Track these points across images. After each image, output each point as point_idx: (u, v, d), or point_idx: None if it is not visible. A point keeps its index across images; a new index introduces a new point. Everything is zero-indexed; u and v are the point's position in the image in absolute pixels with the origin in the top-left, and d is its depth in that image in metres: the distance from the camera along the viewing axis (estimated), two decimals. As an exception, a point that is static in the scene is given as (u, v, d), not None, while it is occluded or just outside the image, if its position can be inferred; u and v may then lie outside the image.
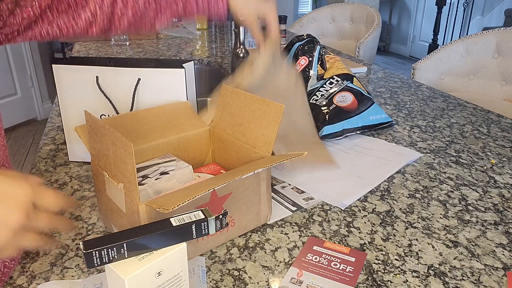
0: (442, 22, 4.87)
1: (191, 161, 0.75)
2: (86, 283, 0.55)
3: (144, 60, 0.85)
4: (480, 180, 0.81)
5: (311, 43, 1.11)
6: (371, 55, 2.15)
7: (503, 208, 0.72)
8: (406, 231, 0.66)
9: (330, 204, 0.73)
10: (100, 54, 1.83)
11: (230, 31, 2.45)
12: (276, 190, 0.77)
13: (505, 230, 0.66)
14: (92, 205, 0.73)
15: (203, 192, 0.49)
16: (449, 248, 0.62)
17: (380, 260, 0.59)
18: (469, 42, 1.62)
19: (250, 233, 0.65)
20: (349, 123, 0.96)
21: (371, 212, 0.71)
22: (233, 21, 1.41)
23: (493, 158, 0.90)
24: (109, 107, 0.80)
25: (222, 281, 0.56)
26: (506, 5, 4.44)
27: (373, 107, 1.01)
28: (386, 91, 1.34)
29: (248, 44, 2.09)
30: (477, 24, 4.76)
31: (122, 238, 0.42)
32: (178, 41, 2.11)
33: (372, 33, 2.11)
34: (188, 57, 1.81)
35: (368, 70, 1.59)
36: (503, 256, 0.60)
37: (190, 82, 0.83)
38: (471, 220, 0.69)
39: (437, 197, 0.75)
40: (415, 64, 1.68)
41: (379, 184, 0.79)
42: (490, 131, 1.04)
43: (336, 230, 0.66)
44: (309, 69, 1.07)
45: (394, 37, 5.86)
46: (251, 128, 0.67)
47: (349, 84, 1.02)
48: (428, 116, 1.13)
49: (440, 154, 0.91)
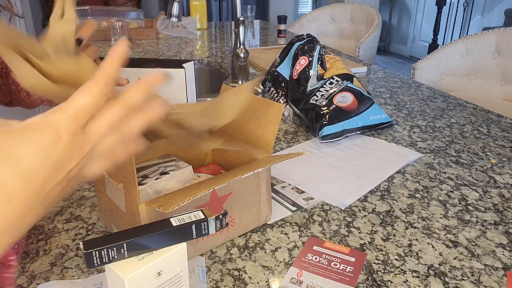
0: (442, 22, 4.87)
1: (191, 161, 0.75)
2: (86, 283, 0.55)
3: (144, 60, 0.85)
4: (480, 180, 0.81)
5: (311, 43, 1.11)
6: (371, 55, 2.15)
7: (503, 208, 0.72)
8: (406, 231, 0.66)
9: (330, 204, 0.73)
10: (100, 54, 1.83)
11: (230, 31, 2.45)
12: (276, 190, 0.77)
13: (505, 230, 0.66)
14: (92, 205, 0.73)
15: (203, 192, 0.49)
16: (449, 248, 0.62)
17: (380, 260, 0.59)
18: (469, 42, 1.62)
19: (250, 233, 0.65)
20: (349, 123, 0.96)
21: (371, 212, 0.71)
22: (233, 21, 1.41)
23: (493, 158, 0.90)
24: (109, 107, 0.80)
25: (222, 281, 0.56)
26: (506, 5, 4.44)
27: (373, 107, 1.01)
28: (386, 91, 1.34)
29: (248, 45, 2.09)
30: (477, 24, 4.76)
31: (122, 238, 0.42)
32: (178, 41, 2.11)
33: (372, 33, 2.11)
34: (188, 57, 1.81)
35: (368, 70, 1.59)
36: (503, 256, 0.60)
37: (190, 82, 0.83)
38: (471, 220, 0.69)
39: (437, 197, 0.75)
40: (415, 64, 1.68)
41: (379, 184, 0.79)
42: (490, 131, 1.04)
43: (336, 230, 0.66)
44: (309, 69, 1.07)
45: (394, 37, 5.86)
46: (251, 128, 0.67)
47: (349, 84, 1.02)
48: (428, 116, 1.13)
49: (440, 154, 0.91)
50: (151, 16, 3.56)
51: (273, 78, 1.16)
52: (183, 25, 2.17)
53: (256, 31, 2.50)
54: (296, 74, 1.08)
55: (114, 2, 4.71)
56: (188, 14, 2.49)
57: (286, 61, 1.15)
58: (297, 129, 1.04)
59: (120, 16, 2.32)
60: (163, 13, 2.25)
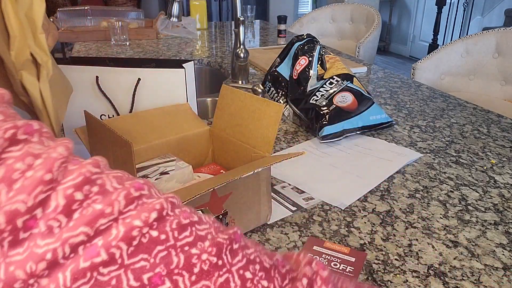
0: (442, 22, 4.87)
1: (191, 161, 0.75)
2: None
3: (144, 60, 0.85)
4: (480, 180, 0.81)
5: (311, 43, 1.11)
6: (371, 55, 2.15)
7: (503, 208, 0.72)
8: (406, 231, 0.66)
9: (330, 204, 0.73)
10: (100, 54, 1.83)
11: (230, 31, 2.45)
12: (276, 190, 0.77)
13: (505, 230, 0.66)
14: (92, 205, 0.72)
15: (203, 192, 0.49)
16: (449, 248, 0.62)
17: (380, 260, 0.59)
18: (469, 42, 1.62)
19: (250, 233, 0.65)
20: (349, 123, 0.96)
21: (371, 212, 0.71)
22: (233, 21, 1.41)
23: (493, 158, 0.90)
24: (109, 107, 0.80)
25: (222, 281, 0.55)
26: (506, 5, 4.44)
27: (373, 107, 1.01)
28: (386, 91, 1.34)
29: (248, 44, 2.09)
30: (477, 24, 4.76)
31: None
32: (178, 41, 2.11)
33: (372, 33, 2.11)
34: (188, 57, 1.81)
35: (368, 70, 1.59)
36: (503, 256, 0.60)
37: (190, 82, 0.83)
38: (471, 220, 0.69)
39: (437, 197, 0.75)
40: (415, 64, 1.68)
41: (379, 184, 0.79)
42: (490, 131, 1.04)
43: (336, 230, 0.66)
44: (309, 69, 1.07)
45: (394, 37, 5.86)
46: (251, 128, 0.67)
47: (349, 84, 1.02)
48: (428, 116, 1.13)
49: (440, 154, 0.91)
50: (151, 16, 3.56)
51: (273, 78, 1.16)
52: (183, 25, 2.17)
53: (256, 31, 2.50)
54: (296, 74, 1.08)
55: (114, 2, 4.71)
56: (188, 14, 2.49)
57: (286, 61, 1.15)
58: (297, 129, 1.04)
59: (120, 16, 2.32)
60: (163, 13, 2.25)
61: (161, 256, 0.24)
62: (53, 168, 0.23)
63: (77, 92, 0.80)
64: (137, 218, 0.24)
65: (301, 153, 0.61)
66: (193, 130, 0.75)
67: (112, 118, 0.70)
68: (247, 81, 1.38)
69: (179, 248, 0.25)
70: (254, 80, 1.43)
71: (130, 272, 0.23)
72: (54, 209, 0.23)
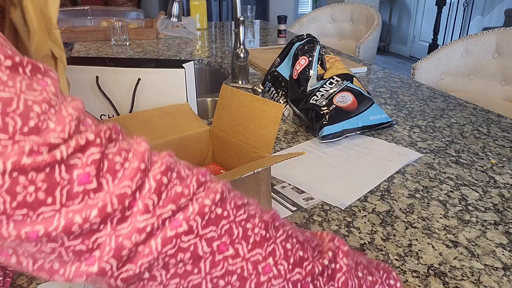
0: (442, 22, 4.87)
1: (191, 161, 0.75)
2: (86, 283, 0.55)
3: (144, 60, 0.85)
4: (480, 180, 0.81)
5: (311, 43, 1.11)
6: (371, 55, 2.15)
7: (503, 208, 0.72)
8: (406, 231, 0.66)
9: (330, 204, 0.73)
10: (100, 54, 1.83)
11: (230, 31, 2.45)
12: (276, 190, 0.77)
13: (505, 230, 0.66)
14: (92, 205, 0.72)
15: (203, 192, 0.49)
16: (449, 248, 0.62)
17: (380, 260, 0.59)
18: (469, 42, 1.62)
19: (250, 233, 0.65)
20: (349, 123, 0.96)
21: (371, 212, 0.71)
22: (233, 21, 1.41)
23: (493, 158, 0.90)
24: (109, 107, 0.80)
25: (222, 281, 0.55)
26: (506, 5, 4.44)
27: (373, 107, 1.01)
28: (386, 91, 1.34)
29: (248, 44, 2.09)
30: (477, 24, 4.76)
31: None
32: (178, 41, 2.11)
33: (372, 33, 2.11)
34: (188, 57, 1.81)
35: (368, 70, 1.59)
36: (503, 256, 0.60)
37: (190, 82, 0.83)
38: (471, 220, 0.69)
39: (437, 197, 0.75)
40: (415, 64, 1.68)
41: (379, 184, 0.79)
42: (490, 131, 1.04)
43: (336, 230, 0.66)
44: (309, 69, 1.07)
45: (394, 37, 5.86)
46: (251, 128, 0.67)
47: (349, 84, 1.02)
48: (428, 116, 1.13)
49: (440, 154, 0.91)
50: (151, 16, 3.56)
51: (273, 78, 1.16)
52: (183, 25, 2.17)
53: (256, 31, 2.50)
54: (296, 74, 1.08)
55: (114, 2, 4.71)
56: (188, 14, 2.49)
57: (286, 61, 1.15)
58: (297, 129, 1.04)
59: (120, 16, 2.32)
60: (163, 13, 2.25)
61: (225, 229, 0.32)
62: (145, 159, 0.30)
63: (77, 92, 0.80)
64: (206, 198, 0.31)
65: (301, 153, 0.61)
66: (193, 130, 0.75)
67: (112, 118, 0.70)
68: (247, 81, 1.38)
69: (238, 223, 0.33)
70: (254, 80, 1.43)
71: (204, 240, 0.31)
72: (148, 191, 0.29)
